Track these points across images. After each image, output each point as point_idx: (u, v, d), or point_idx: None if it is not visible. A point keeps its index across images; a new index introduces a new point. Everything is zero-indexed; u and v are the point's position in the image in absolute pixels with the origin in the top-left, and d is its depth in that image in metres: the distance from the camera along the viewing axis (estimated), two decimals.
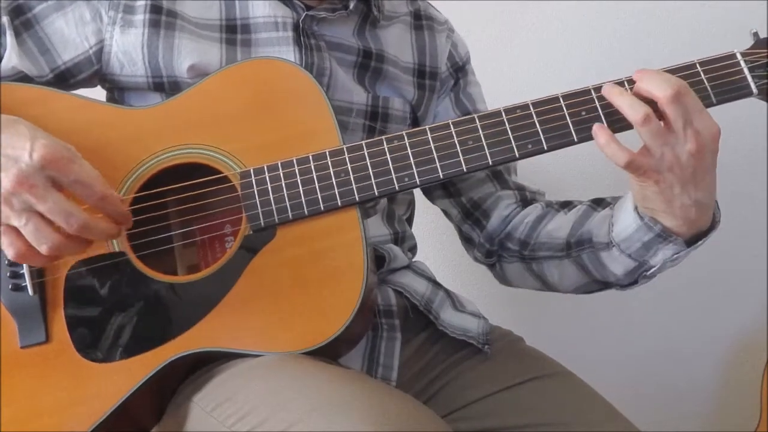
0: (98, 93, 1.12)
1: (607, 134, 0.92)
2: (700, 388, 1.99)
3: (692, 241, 0.99)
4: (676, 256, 0.99)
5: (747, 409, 1.87)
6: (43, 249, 0.84)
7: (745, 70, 0.95)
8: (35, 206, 0.83)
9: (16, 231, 0.85)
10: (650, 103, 0.90)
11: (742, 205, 1.91)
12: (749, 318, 1.96)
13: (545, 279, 1.19)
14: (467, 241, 1.29)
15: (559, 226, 1.14)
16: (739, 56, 0.96)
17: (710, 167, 0.93)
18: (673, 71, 0.95)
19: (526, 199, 1.25)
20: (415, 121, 1.23)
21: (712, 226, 0.99)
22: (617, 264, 1.05)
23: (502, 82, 1.82)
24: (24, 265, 0.94)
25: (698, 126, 0.90)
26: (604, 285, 1.12)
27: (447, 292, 1.21)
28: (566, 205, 1.19)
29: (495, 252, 1.24)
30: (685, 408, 1.99)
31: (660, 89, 0.89)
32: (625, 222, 1.01)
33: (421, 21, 1.25)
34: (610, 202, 1.10)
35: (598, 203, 1.13)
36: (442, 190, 1.28)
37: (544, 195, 1.27)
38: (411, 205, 1.31)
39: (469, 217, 1.26)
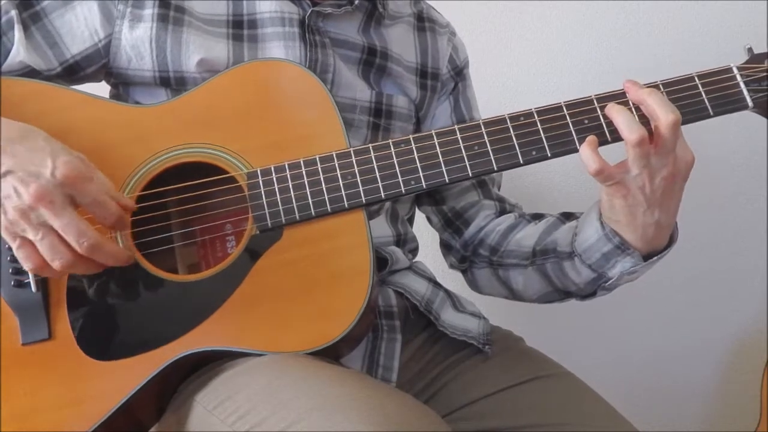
0: (101, 88, 1.12)
1: (591, 140, 0.93)
2: (700, 388, 1.99)
3: (649, 256, 1.01)
4: (633, 269, 1.01)
5: (747, 409, 1.87)
6: (56, 265, 0.86)
7: (741, 84, 0.97)
8: (50, 222, 0.84)
9: (32, 244, 0.86)
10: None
11: (742, 205, 1.91)
12: (749, 318, 1.96)
13: (510, 286, 1.20)
14: (446, 247, 1.31)
15: (528, 236, 1.16)
16: (735, 70, 0.98)
17: (677, 192, 0.97)
18: (671, 83, 0.97)
19: (504, 210, 1.27)
20: (418, 121, 1.24)
21: (669, 244, 1.02)
22: (578, 274, 1.07)
23: (502, 82, 1.82)
24: None
25: (678, 153, 0.93)
26: (565, 294, 1.14)
27: (447, 292, 1.22)
28: (537, 217, 1.21)
29: (468, 258, 1.26)
30: (685, 408, 1.99)
31: (665, 112, 0.91)
32: (587, 232, 1.03)
33: (424, 23, 1.26)
34: (578, 216, 1.11)
35: (567, 216, 1.15)
36: (427, 197, 1.29)
37: (521, 208, 1.29)
38: (413, 205, 1.32)
39: (450, 226, 1.28)
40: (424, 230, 1.34)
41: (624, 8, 1.85)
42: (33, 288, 0.94)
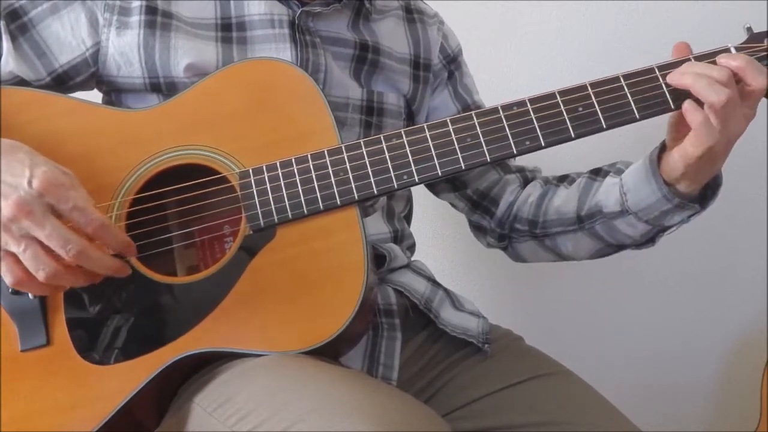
0: (94, 96, 1.12)
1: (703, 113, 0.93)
2: (700, 388, 1.99)
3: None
4: (690, 217, 1.04)
5: (747, 409, 1.87)
6: (41, 276, 0.84)
7: None
8: (34, 233, 0.83)
9: (15, 257, 0.85)
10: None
11: (742, 205, 1.91)
12: (749, 318, 1.96)
13: (559, 251, 1.22)
14: (477, 229, 1.32)
15: (566, 201, 1.17)
16: (733, 50, 0.97)
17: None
18: (667, 66, 0.97)
19: (527, 179, 1.28)
20: (410, 116, 1.24)
21: (719, 183, 1.04)
22: (633, 229, 1.08)
23: (501, 83, 1.82)
24: None
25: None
26: (619, 247, 1.16)
27: (446, 291, 1.22)
28: (564, 179, 1.22)
29: (506, 235, 1.27)
30: (685, 408, 1.98)
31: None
32: (642, 193, 1.03)
33: (413, 14, 1.27)
34: (609, 170, 1.14)
35: (597, 173, 1.16)
36: (446, 184, 1.29)
37: (541, 171, 1.30)
38: (409, 202, 1.32)
39: (478, 207, 1.28)
40: (424, 230, 1.34)
41: (624, 8, 1.85)
42: (30, 295, 0.94)
